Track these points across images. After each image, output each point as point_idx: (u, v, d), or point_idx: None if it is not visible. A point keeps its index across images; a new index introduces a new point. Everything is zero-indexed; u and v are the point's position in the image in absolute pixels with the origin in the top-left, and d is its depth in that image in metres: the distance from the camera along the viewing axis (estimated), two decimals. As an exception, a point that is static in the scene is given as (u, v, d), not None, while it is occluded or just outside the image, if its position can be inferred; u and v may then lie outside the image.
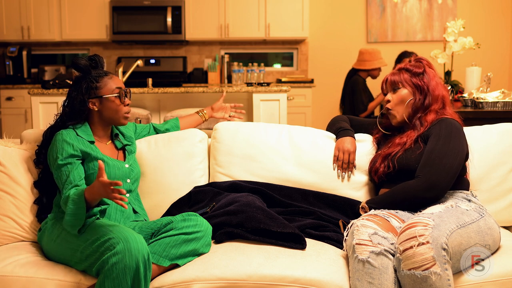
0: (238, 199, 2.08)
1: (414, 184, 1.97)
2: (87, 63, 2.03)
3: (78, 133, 2.00)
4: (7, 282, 1.76)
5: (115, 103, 2.04)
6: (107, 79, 2.05)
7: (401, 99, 2.14)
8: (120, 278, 1.63)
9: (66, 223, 1.79)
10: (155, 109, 4.21)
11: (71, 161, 1.92)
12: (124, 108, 2.07)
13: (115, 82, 2.06)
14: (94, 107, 2.03)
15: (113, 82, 2.05)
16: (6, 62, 5.90)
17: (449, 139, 2.00)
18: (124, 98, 2.07)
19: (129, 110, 2.11)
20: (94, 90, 2.02)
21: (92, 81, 2.02)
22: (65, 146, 1.93)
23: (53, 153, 1.95)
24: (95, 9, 5.85)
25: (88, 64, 2.03)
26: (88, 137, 2.01)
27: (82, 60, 2.03)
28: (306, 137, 2.36)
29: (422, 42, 6.31)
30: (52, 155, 1.95)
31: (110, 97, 2.03)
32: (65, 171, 1.90)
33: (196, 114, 2.52)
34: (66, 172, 1.90)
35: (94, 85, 2.02)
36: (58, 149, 1.94)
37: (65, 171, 1.90)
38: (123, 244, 1.65)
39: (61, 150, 1.93)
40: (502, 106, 3.29)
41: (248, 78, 5.76)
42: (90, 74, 2.04)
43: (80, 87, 2.02)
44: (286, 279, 1.73)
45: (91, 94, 2.02)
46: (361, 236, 1.74)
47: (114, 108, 2.05)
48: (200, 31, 5.95)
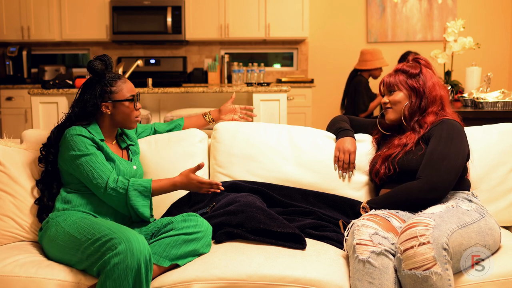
0: (238, 199, 2.08)
1: (416, 185, 1.97)
2: (103, 67, 2.01)
3: (89, 131, 2.00)
4: (7, 282, 1.76)
5: (128, 108, 2.05)
6: (121, 83, 2.04)
7: (397, 102, 2.14)
8: (122, 279, 1.63)
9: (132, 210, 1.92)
10: (155, 109, 4.21)
11: (92, 151, 1.94)
12: (135, 112, 2.08)
13: (128, 86, 2.06)
14: (107, 110, 2.02)
15: (126, 87, 2.05)
16: (6, 62, 5.90)
17: (450, 141, 1.99)
18: (137, 102, 2.07)
19: (140, 114, 2.11)
20: (109, 94, 2.01)
21: (107, 84, 2.01)
22: (80, 139, 1.94)
23: (69, 150, 1.94)
24: (95, 9, 5.85)
25: (104, 68, 2.02)
26: (98, 136, 2.01)
27: (98, 64, 2.00)
28: (306, 137, 2.36)
29: (422, 42, 6.31)
30: (69, 151, 1.94)
31: (124, 102, 2.03)
32: (90, 162, 1.92)
33: (202, 116, 2.49)
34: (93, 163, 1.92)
35: (108, 89, 2.01)
36: (74, 143, 1.93)
37: (90, 162, 1.92)
38: (125, 245, 1.65)
39: (78, 144, 1.93)
40: (502, 106, 3.29)
41: (248, 78, 5.76)
42: (105, 77, 2.02)
43: (94, 90, 2.01)
44: (286, 279, 1.73)
45: (105, 97, 2.01)
46: (361, 236, 1.74)
47: (127, 113, 2.05)
48: (200, 31, 5.95)
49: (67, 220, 1.87)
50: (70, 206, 1.96)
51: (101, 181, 1.90)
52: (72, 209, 1.95)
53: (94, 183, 1.91)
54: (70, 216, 1.89)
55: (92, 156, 1.93)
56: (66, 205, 1.96)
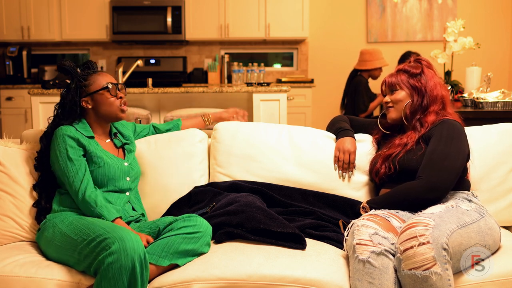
0: (238, 199, 2.07)
1: (416, 185, 1.97)
2: (71, 64, 2.06)
3: (77, 128, 2.02)
4: (7, 282, 1.76)
5: (105, 96, 2.06)
6: (95, 76, 2.07)
7: (398, 101, 2.15)
8: (116, 278, 1.63)
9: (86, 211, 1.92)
10: (155, 109, 4.20)
11: (76, 156, 1.95)
12: (117, 101, 2.08)
13: (103, 77, 2.08)
14: (87, 105, 2.05)
15: (101, 78, 2.08)
16: (6, 62, 5.90)
17: (450, 141, 1.99)
18: (116, 91, 2.07)
19: (124, 103, 2.11)
20: (84, 88, 2.04)
21: (81, 80, 2.05)
22: (68, 140, 1.96)
23: (55, 150, 1.96)
24: (95, 9, 5.85)
25: (73, 65, 2.06)
26: (87, 133, 2.03)
27: (66, 61, 2.05)
28: (306, 137, 2.36)
29: (422, 42, 6.31)
30: (55, 151, 1.96)
31: (100, 91, 2.05)
32: (71, 166, 1.93)
33: (200, 117, 2.52)
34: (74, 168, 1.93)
35: (83, 84, 2.04)
36: (61, 144, 1.95)
37: (71, 166, 1.93)
38: (118, 244, 1.65)
39: (64, 144, 1.95)
40: (502, 106, 3.29)
41: (248, 78, 5.77)
42: (77, 74, 2.06)
43: (69, 87, 2.05)
44: (286, 279, 1.73)
45: (82, 93, 2.04)
46: (361, 236, 1.74)
47: (107, 102, 2.06)
48: (200, 31, 5.95)
49: (64, 221, 1.88)
50: (66, 207, 1.96)
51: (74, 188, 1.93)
52: (68, 210, 1.95)
53: (69, 188, 1.95)
54: (67, 217, 1.90)
55: (68, 162, 1.94)
56: (61, 206, 1.97)
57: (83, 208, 1.92)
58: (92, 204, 1.90)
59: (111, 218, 1.88)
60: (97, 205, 1.90)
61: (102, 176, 2.00)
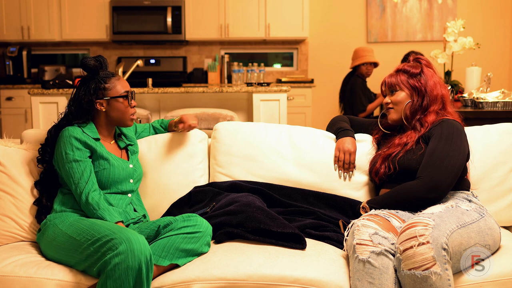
0: (238, 199, 2.08)
1: (416, 184, 1.97)
2: (96, 64, 2.03)
3: (84, 130, 2.01)
4: (7, 282, 1.76)
5: (123, 104, 2.05)
6: (115, 81, 2.05)
7: (399, 102, 2.14)
8: (123, 279, 1.63)
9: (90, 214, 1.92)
10: (155, 109, 4.21)
11: (82, 157, 1.95)
12: (130, 110, 2.08)
13: (122, 84, 2.07)
14: (101, 107, 2.04)
15: (120, 84, 2.06)
16: (6, 62, 5.90)
17: (450, 140, 1.99)
18: (131, 100, 2.07)
19: (135, 112, 2.12)
20: (102, 91, 2.03)
21: (100, 81, 2.03)
22: (74, 141, 1.95)
23: (61, 150, 1.95)
24: (95, 9, 5.85)
25: (97, 65, 2.03)
26: (93, 134, 2.02)
27: (91, 60, 2.02)
28: (306, 137, 2.36)
29: (422, 42, 6.31)
30: (61, 151, 1.95)
31: (118, 98, 2.04)
32: (77, 168, 1.93)
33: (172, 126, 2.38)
34: (79, 169, 1.93)
35: (102, 86, 2.02)
36: (67, 144, 1.95)
37: (77, 168, 1.93)
38: (125, 245, 1.65)
39: (67, 147, 1.94)
40: (502, 106, 3.30)
41: (248, 78, 5.77)
42: (98, 74, 2.04)
43: (88, 87, 2.02)
44: (286, 279, 1.73)
45: (99, 94, 2.02)
46: (361, 236, 1.74)
47: (121, 110, 2.06)
48: (200, 31, 5.95)
49: (64, 221, 1.88)
50: (67, 207, 1.96)
51: (78, 189, 1.92)
52: (69, 210, 1.95)
53: (73, 189, 1.94)
54: (67, 218, 1.90)
55: (74, 163, 1.94)
56: (63, 207, 1.97)
57: (86, 209, 1.92)
58: (95, 206, 1.90)
59: (113, 221, 1.88)
60: (99, 207, 1.89)
61: (106, 178, 2.00)
